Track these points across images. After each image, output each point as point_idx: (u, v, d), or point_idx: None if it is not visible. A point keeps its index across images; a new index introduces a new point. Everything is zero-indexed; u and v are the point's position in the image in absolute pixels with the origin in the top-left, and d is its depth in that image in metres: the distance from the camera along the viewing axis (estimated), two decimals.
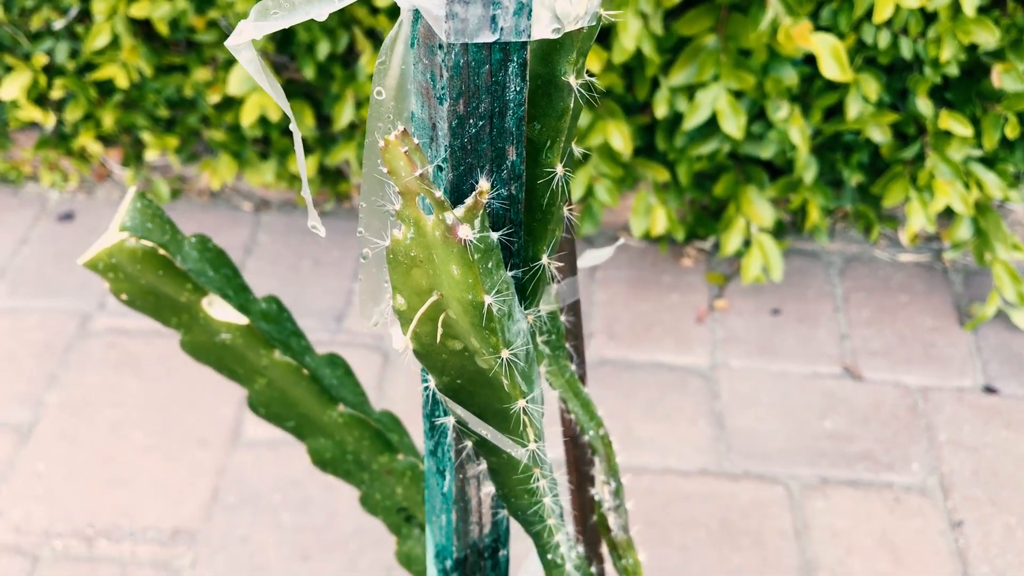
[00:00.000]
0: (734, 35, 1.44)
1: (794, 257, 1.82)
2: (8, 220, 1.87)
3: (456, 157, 0.37)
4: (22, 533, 1.39)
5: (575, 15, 0.35)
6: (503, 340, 0.36)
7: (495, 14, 0.34)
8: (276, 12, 0.34)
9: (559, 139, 0.38)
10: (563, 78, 0.38)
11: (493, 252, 0.36)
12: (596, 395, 1.58)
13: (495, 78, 0.35)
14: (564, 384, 0.56)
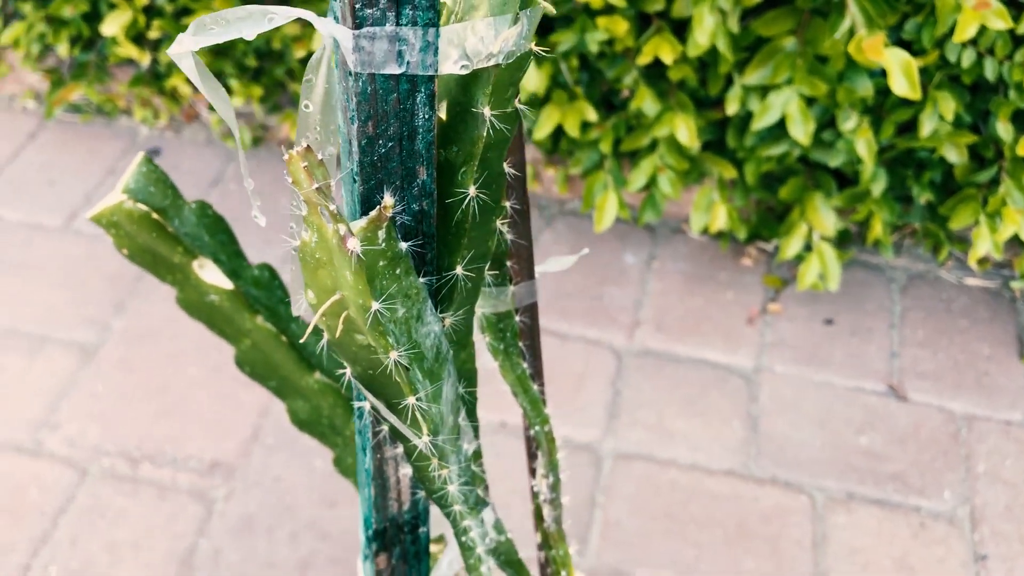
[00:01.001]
0: (813, 40, 1.42)
1: (857, 269, 1.79)
2: (102, 150, 1.97)
3: (367, 172, 0.39)
4: (75, 447, 1.48)
5: (487, 53, 0.37)
6: (392, 343, 0.38)
7: (401, 50, 0.36)
8: (213, 28, 0.37)
9: (473, 163, 0.41)
10: (478, 108, 0.40)
11: (401, 260, 0.38)
12: (634, 385, 1.60)
13: (403, 105, 0.38)
14: (515, 380, 0.58)
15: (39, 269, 1.74)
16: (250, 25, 0.37)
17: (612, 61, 1.57)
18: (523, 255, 0.53)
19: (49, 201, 1.86)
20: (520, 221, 0.52)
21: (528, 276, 0.54)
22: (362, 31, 0.36)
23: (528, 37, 0.39)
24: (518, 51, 0.39)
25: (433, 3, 0.36)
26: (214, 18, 0.37)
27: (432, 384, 0.41)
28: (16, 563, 1.35)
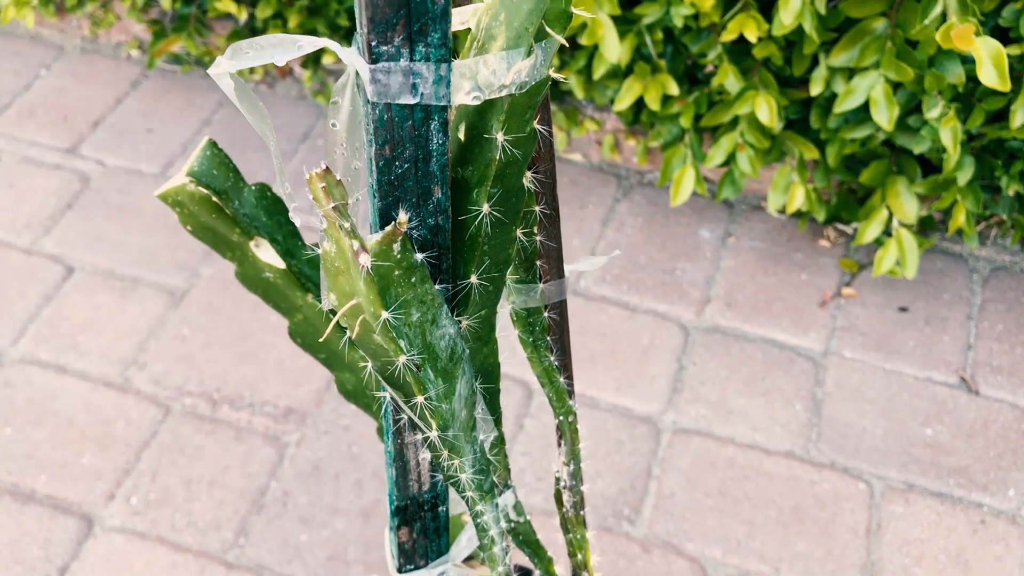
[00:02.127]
0: (904, 23, 1.39)
1: (937, 257, 1.76)
2: (199, 101, 2.04)
3: (384, 190, 0.42)
4: (160, 386, 1.57)
5: (499, 84, 0.39)
6: (405, 346, 0.42)
7: (415, 83, 0.38)
8: (248, 52, 0.40)
9: (486, 184, 0.43)
10: (491, 134, 0.42)
11: (416, 269, 0.41)
12: (699, 360, 1.61)
13: (418, 131, 0.40)
14: (541, 371, 0.61)
15: (137, 214, 1.83)
16: (281, 51, 0.40)
17: (697, 35, 1.56)
18: (552, 255, 0.55)
19: (148, 149, 1.94)
20: (549, 224, 0.54)
21: (558, 275, 0.56)
22: (378, 66, 0.39)
23: (544, 66, 0.41)
24: (532, 81, 0.41)
25: (445, 40, 0.39)
26: (249, 43, 0.40)
27: (445, 383, 0.44)
28: (102, 490, 1.44)
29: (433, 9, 0.37)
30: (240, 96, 0.44)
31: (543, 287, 0.55)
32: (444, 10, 0.38)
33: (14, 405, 1.54)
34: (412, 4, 0.37)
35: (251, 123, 0.43)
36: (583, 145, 1.92)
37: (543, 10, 0.39)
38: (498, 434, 0.54)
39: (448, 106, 0.40)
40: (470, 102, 0.40)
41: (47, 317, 1.66)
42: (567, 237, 1.80)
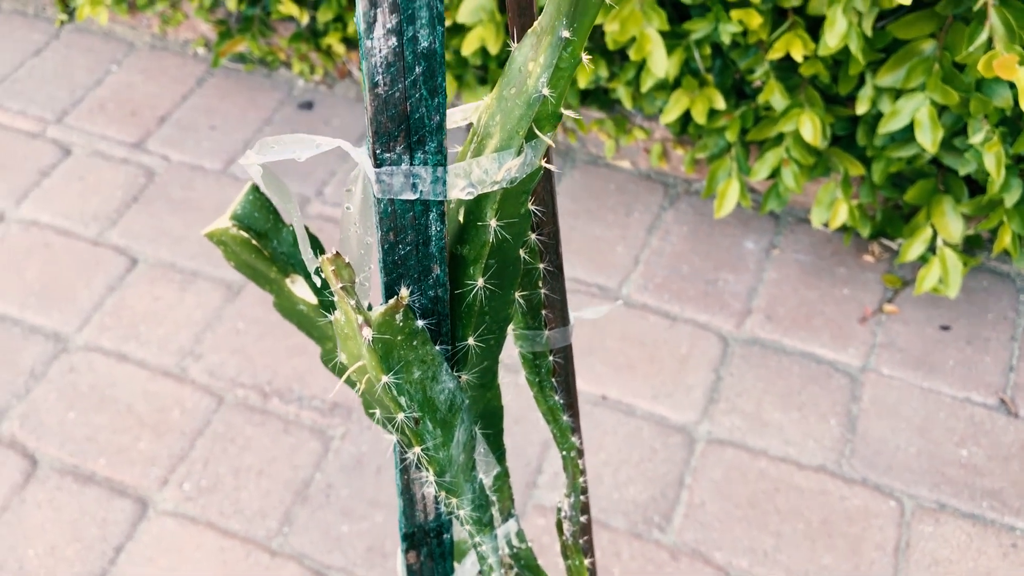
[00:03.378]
0: (952, 45, 1.40)
1: (983, 275, 1.75)
2: (260, 100, 2.11)
3: (389, 268, 0.47)
4: (215, 377, 1.64)
5: (491, 181, 0.43)
6: (405, 403, 0.46)
7: (415, 182, 0.43)
8: (273, 147, 0.45)
9: (480, 262, 0.47)
10: (485, 221, 0.46)
11: (417, 334, 0.46)
12: (737, 372, 1.64)
13: (418, 221, 0.44)
14: (546, 410, 0.65)
15: (198, 209, 1.90)
16: (302, 149, 0.45)
17: (745, 51, 1.58)
18: (557, 306, 0.59)
19: (210, 145, 2.01)
20: (553, 279, 0.58)
21: (562, 323, 0.60)
22: (382, 169, 0.43)
23: (534, 163, 0.45)
24: (523, 175, 0.45)
25: (440, 148, 0.43)
26: (275, 140, 0.45)
27: (444, 432, 0.48)
28: (156, 475, 1.52)
29: (429, 124, 0.42)
30: (266, 181, 0.48)
31: (548, 334, 0.59)
32: (439, 125, 0.42)
33: (77, 390, 1.62)
34: (411, 120, 0.41)
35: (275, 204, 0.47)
36: (631, 152, 1.95)
37: (532, 116, 0.43)
38: (501, 469, 0.58)
39: (445, 200, 0.44)
40: (465, 197, 0.44)
41: (111, 306, 1.74)
42: (611, 244, 1.83)
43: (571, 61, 0.41)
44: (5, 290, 1.76)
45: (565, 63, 0.41)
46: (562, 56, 0.41)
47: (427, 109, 0.42)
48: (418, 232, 0.45)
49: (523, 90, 0.43)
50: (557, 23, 0.40)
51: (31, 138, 2.04)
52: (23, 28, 2.28)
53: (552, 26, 0.41)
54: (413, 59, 0.40)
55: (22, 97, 2.12)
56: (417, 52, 0.40)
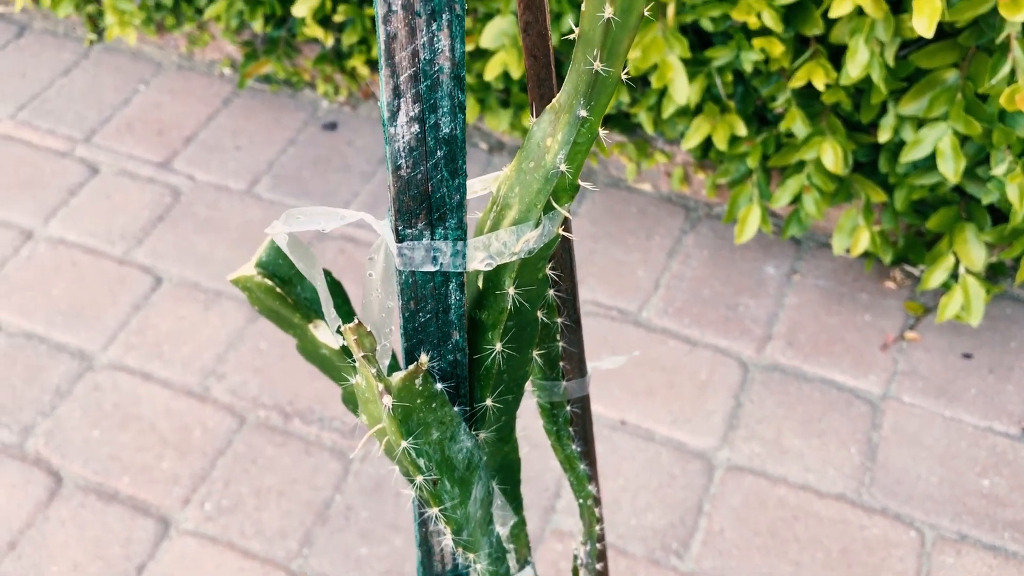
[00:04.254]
0: (976, 75, 1.39)
1: (1006, 303, 1.74)
2: (285, 120, 2.13)
3: (409, 334, 0.48)
4: (237, 396, 1.66)
5: (509, 252, 0.44)
6: (423, 465, 0.47)
7: (435, 255, 0.43)
8: (299, 218, 0.46)
9: (499, 327, 0.48)
10: (503, 289, 0.47)
11: (436, 397, 0.47)
12: (757, 398, 1.63)
13: (438, 291, 0.45)
14: (564, 458, 0.65)
15: (222, 228, 1.92)
16: (327, 221, 0.46)
17: (767, 79, 1.58)
18: (574, 358, 0.60)
19: (236, 166, 2.04)
20: (571, 333, 0.59)
21: (580, 374, 0.61)
22: (404, 244, 0.44)
23: (552, 232, 0.45)
24: (540, 246, 0.46)
25: (461, 224, 0.44)
26: (301, 211, 0.46)
27: (461, 490, 0.49)
28: (178, 495, 1.54)
29: (450, 203, 0.43)
30: (292, 247, 0.50)
31: (566, 385, 0.60)
32: (460, 203, 0.43)
33: (102, 408, 1.65)
34: (433, 200, 0.42)
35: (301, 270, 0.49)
36: (653, 176, 1.95)
37: (550, 190, 0.43)
38: (518, 519, 0.59)
39: (464, 271, 0.45)
40: (483, 268, 0.45)
41: (135, 325, 1.76)
42: (632, 267, 1.84)
43: (588, 137, 0.42)
44: (33, 308, 1.79)
45: (583, 139, 0.42)
46: (580, 132, 0.42)
47: (448, 189, 0.43)
48: (438, 301, 0.46)
49: (541, 164, 0.44)
50: (575, 102, 0.41)
51: (60, 157, 2.07)
52: (53, 48, 2.32)
53: (570, 104, 0.41)
54: (435, 144, 0.41)
55: (52, 116, 2.15)
56: (439, 138, 0.41)
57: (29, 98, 2.19)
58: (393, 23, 0.39)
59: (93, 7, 2.23)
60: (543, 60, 0.45)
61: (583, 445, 0.64)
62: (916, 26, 1.24)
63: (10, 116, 2.15)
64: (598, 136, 0.43)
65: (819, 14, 1.45)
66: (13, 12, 2.39)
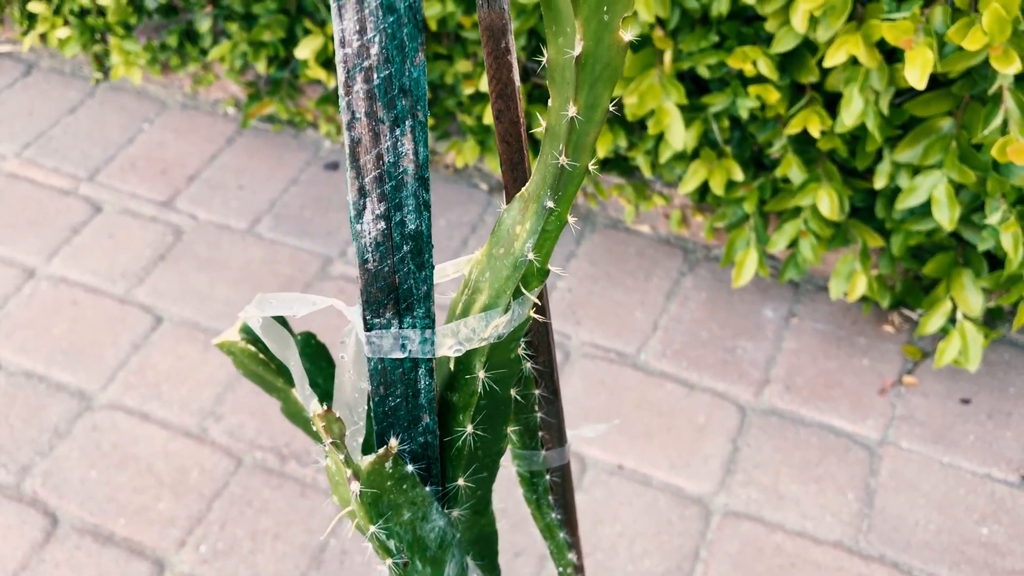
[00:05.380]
0: (969, 124, 1.40)
1: (1004, 348, 1.74)
2: (287, 159, 2.15)
3: (379, 418, 0.48)
4: (234, 438, 1.66)
5: (479, 338, 0.45)
6: (393, 547, 0.47)
7: (404, 343, 0.44)
8: (272, 303, 0.47)
9: (470, 409, 0.48)
10: (474, 373, 0.47)
11: (407, 478, 0.47)
12: (754, 443, 1.63)
13: (408, 376, 0.46)
14: (544, 527, 0.65)
15: (223, 268, 1.93)
16: (300, 307, 0.47)
17: (763, 125, 1.59)
18: (553, 428, 0.60)
19: (238, 205, 2.05)
20: (548, 404, 0.59)
21: (559, 443, 0.61)
22: (372, 333, 0.45)
23: (521, 317, 0.46)
24: (510, 331, 0.46)
25: (428, 313, 0.44)
26: (275, 296, 0.47)
27: (434, 569, 0.49)
28: (174, 537, 1.54)
29: (417, 294, 0.43)
30: (265, 330, 0.50)
31: (545, 454, 0.60)
32: (427, 293, 0.44)
33: (100, 449, 1.65)
34: (400, 291, 0.43)
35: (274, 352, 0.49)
36: (651, 217, 1.96)
37: (519, 277, 0.44)
38: None
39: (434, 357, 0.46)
40: (452, 355, 0.46)
41: (135, 364, 1.77)
42: (630, 309, 1.84)
43: (557, 225, 0.42)
44: (33, 346, 1.80)
45: (551, 226, 0.43)
46: (548, 221, 0.42)
47: (415, 281, 0.44)
48: (407, 386, 0.47)
49: (511, 251, 0.45)
50: (542, 192, 0.41)
51: (64, 195, 2.09)
52: (60, 86, 2.35)
53: (538, 194, 0.42)
54: (401, 239, 0.42)
55: (57, 154, 2.17)
56: (405, 234, 0.42)
57: (35, 136, 2.22)
58: (357, 129, 0.39)
59: (99, 47, 2.25)
60: (515, 145, 0.46)
61: (563, 513, 0.64)
62: (909, 77, 1.25)
63: (16, 154, 2.17)
64: (567, 223, 0.43)
65: (814, 62, 1.46)
66: (21, 51, 2.42)
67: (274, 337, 0.51)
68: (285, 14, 1.98)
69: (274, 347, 0.50)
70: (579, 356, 1.77)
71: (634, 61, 1.54)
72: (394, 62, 0.39)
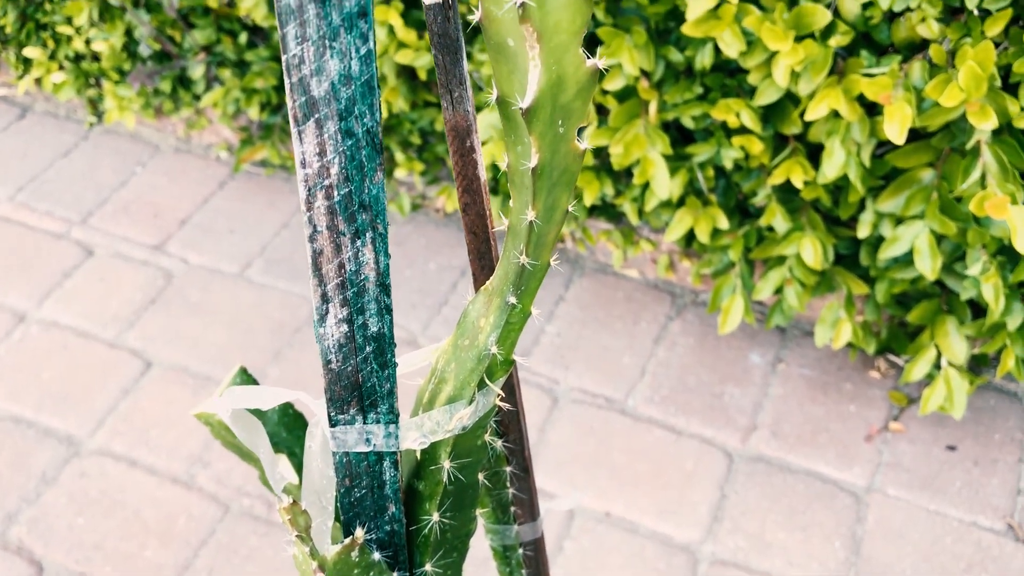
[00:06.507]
0: (950, 175, 1.42)
1: (990, 394, 1.75)
2: (279, 203, 2.17)
3: (345, 508, 0.49)
4: (221, 485, 1.66)
5: (443, 430, 0.46)
6: None
7: (368, 437, 0.45)
8: (241, 396, 0.48)
9: (435, 498, 0.49)
10: (439, 463, 0.48)
11: (374, 566, 0.48)
12: (741, 490, 1.63)
13: (373, 468, 0.47)
14: None
15: (214, 312, 1.94)
16: (268, 400, 0.48)
17: (747, 174, 1.61)
18: (525, 503, 0.61)
19: (229, 249, 2.06)
20: (519, 480, 0.60)
21: (531, 518, 0.62)
22: (336, 428, 0.46)
23: (486, 408, 0.47)
24: (474, 422, 0.47)
25: (392, 409, 0.45)
26: (244, 390, 0.48)
27: None
28: None
29: (381, 391, 0.45)
30: (234, 421, 0.51)
31: (518, 529, 0.61)
32: (390, 390, 0.45)
33: (88, 495, 1.65)
34: (363, 389, 0.44)
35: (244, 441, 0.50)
36: (639, 262, 1.97)
37: (483, 370, 0.45)
38: None
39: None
40: (417, 447, 0.47)
41: (124, 410, 1.77)
42: (619, 354, 1.85)
43: (520, 317, 0.44)
44: (23, 391, 1.80)
45: (515, 319, 0.44)
46: (512, 314, 0.44)
47: (378, 379, 0.45)
48: (373, 478, 0.48)
49: (475, 344, 0.46)
50: (505, 288, 0.43)
51: (56, 238, 2.10)
52: (54, 129, 2.37)
53: (501, 290, 0.43)
54: (364, 341, 0.43)
55: (50, 197, 2.19)
56: (367, 336, 0.43)
57: (28, 179, 2.23)
58: (319, 241, 0.41)
59: (94, 91, 2.28)
60: (482, 235, 0.47)
61: None
62: (888, 132, 1.27)
63: (9, 198, 2.19)
64: (530, 315, 0.44)
65: (797, 114, 1.48)
66: (16, 95, 2.44)
67: (244, 427, 0.52)
68: (277, 61, 2.00)
69: (243, 436, 0.51)
70: (568, 402, 1.77)
71: (620, 111, 1.56)
72: (354, 180, 0.41)
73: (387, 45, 1.75)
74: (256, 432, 0.52)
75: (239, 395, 0.49)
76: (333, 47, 0.38)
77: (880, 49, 1.42)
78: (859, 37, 1.41)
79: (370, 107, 0.41)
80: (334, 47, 0.38)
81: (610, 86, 1.54)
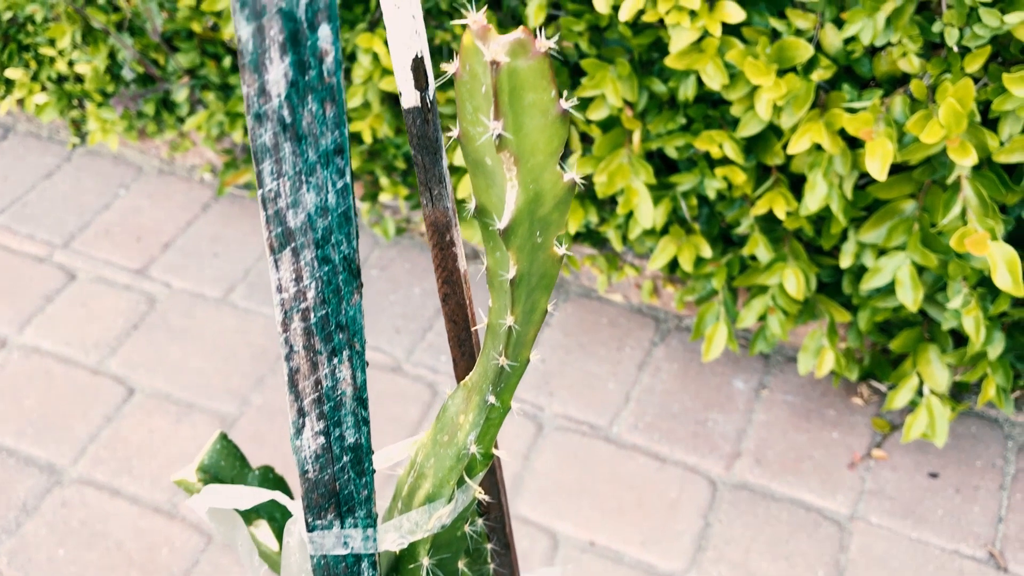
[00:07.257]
0: (931, 207, 1.43)
1: (972, 421, 1.76)
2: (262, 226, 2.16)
3: None
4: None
5: (422, 530, 0.46)
6: None
7: (346, 540, 0.45)
8: (220, 494, 0.48)
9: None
10: (418, 560, 0.48)
11: None
12: (725, 519, 1.63)
13: (351, 569, 0.47)
14: None
15: (197, 338, 1.93)
16: (247, 499, 0.48)
17: (730, 203, 1.62)
18: (508, 566, 0.61)
19: (212, 273, 2.05)
20: (500, 557, 0.60)
21: None
22: (314, 533, 0.46)
23: (465, 504, 0.47)
24: (453, 519, 0.47)
25: (370, 514, 0.45)
26: (225, 489, 0.48)
27: None
28: None
29: (358, 498, 0.45)
30: (212, 517, 0.51)
31: None
32: (368, 496, 0.45)
33: (68, 525, 1.64)
34: (341, 496, 0.44)
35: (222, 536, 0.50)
36: (624, 287, 1.98)
37: (462, 468, 0.45)
38: None
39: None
40: (396, 548, 0.47)
41: (105, 438, 1.76)
42: (603, 380, 1.85)
43: (499, 414, 0.44)
44: (3, 419, 1.79)
45: (494, 415, 0.44)
46: (492, 411, 0.44)
47: (355, 487, 0.45)
48: None
49: (454, 441, 0.46)
50: (484, 386, 0.43)
51: (38, 263, 2.09)
52: (37, 151, 2.35)
53: (480, 387, 0.43)
54: (341, 452, 0.43)
55: (32, 221, 2.17)
56: (344, 447, 0.43)
57: (10, 202, 2.22)
58: (295, 360, 0.41)
59: (77, 112, 2.27)
60: (462, 324, 0.47)
61: None
62: (870, 168, 1.28)
63: None
64: (511, 408, 0.45)
65: (780, 146, 1.49)
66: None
67: (220, 521, 0.52)
68: None
69: (221, 530, 0.51)
70: (552, 429, 1.77)
71: (604, 141, 1.57)
72: (330, 303, 0.41)
73: (371, 72, 1.75)
74: (233, 524, 0.52)
75: (217, 494, 0.49)
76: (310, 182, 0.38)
77: (862, 82, 1.43)
78: (841, 71, 1.42)
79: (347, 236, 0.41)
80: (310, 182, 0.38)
81: (594, 116, 1.54)
